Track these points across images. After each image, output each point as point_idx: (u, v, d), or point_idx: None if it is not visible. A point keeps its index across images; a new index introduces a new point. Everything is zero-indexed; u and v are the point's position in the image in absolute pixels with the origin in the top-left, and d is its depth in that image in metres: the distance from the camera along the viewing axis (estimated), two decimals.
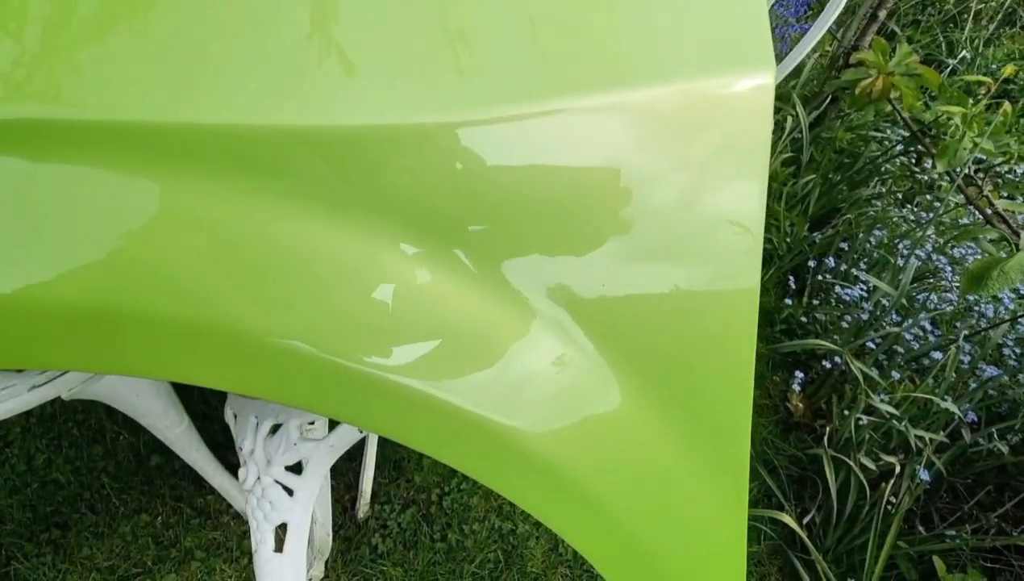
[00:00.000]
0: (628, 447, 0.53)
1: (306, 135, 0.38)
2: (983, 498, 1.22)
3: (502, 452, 0.47)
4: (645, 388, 0.51)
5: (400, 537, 1.22)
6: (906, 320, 1.47)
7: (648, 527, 0.53)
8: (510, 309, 0.44)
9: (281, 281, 0.39)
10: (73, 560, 1.10)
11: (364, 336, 0.39)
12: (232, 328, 0.38)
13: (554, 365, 0.47)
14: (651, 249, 0.44)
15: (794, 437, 1.53)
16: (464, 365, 0.43)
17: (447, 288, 0.42)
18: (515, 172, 0.38)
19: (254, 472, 0.61)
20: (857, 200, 1.92)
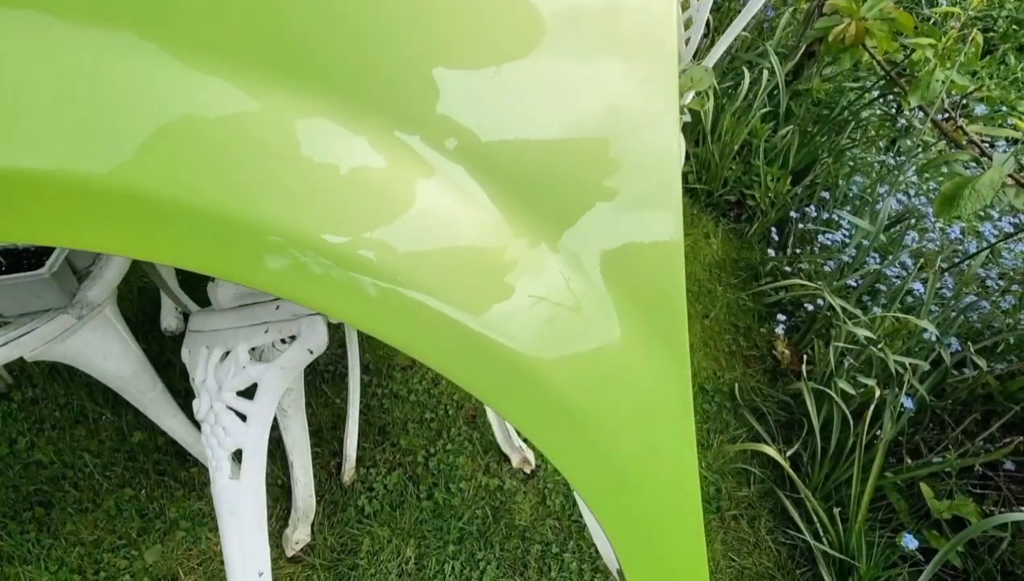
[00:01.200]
0: (595, 352, 0.52)
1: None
2: (969, 426, 1.21)
3: (468, 344, 0.46)
4: (615, 303, 0.50)
5: (387, 498, 1.21)
6: (887, 259, 1.46)
7: (602, 416, 0.52)
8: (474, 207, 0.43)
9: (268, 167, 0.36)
10: (57, 535, 1.10)
11: (352, 222, 0.38)
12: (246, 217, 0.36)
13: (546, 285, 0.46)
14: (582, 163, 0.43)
15: (781, 384, 1.52)
16: (422, 249, 0.41)
17: (464, 207, 0.41)
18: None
19: (206, 400, 0.60)
20: (836, 148, 1.91)
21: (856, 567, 1.05)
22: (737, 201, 2.14)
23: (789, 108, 2.07)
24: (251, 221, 0.36)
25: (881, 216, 1.36)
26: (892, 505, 1.18)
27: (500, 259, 0.45)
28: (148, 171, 0.34)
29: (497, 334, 0.45)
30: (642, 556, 0.54)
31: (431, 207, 0.40)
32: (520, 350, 0.46)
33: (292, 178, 0.37)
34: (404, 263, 0.39)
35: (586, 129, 0.45)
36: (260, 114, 0.36)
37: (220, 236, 0.36)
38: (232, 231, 0.36)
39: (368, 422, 1.36)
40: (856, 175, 1.79)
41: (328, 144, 0.38)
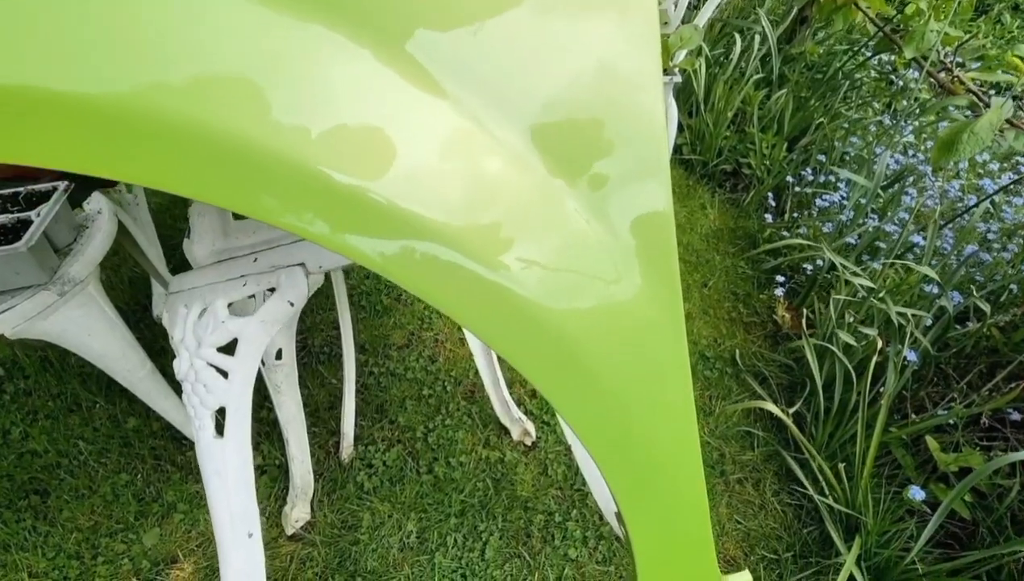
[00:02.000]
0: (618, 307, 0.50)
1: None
2: (974, 379, 1.19)
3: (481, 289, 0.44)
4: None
5: (386, 474, 1.20)
6: (885, 216, 1.43)
7: (600, 352, 0.50)
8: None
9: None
10: (54, 522, 1.08)
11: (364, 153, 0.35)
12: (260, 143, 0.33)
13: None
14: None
15: (783, 348, 1.50)
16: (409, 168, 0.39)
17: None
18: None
19: (186, 358, 0.58)
20: (831, 110, 1.88)
21: (863, 522, 1.04)
22: (733, 170, 2.11)
23: (782, 74, 2.04)
24: (256, 150, 0.34)
25: (879, 172, 1.34)
26: (898, 461, 1.16)
27: (517, 201, 0.43)
28: (152, 96, 0.32)
29: (505, 275, 0.43)
30: (640, 494, 0.52)
31: (448, 138, 0.38)
32: (532, 298, 0.44)
33: (299, 105, 0.34)
34: (415, 199, 0.37)
35: (576, 88, 0.43)
36: (265, 29, 0.34)
37: (229, 166, 0.33)
38: (239, 160, 0.34)
39: (365, 401, 1.34)
40: (852, 136, 1.76)
41: (338, 64, 0.36)
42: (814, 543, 1.13)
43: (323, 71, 0.36)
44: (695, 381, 1.45)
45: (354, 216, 0.37)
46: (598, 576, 1.08)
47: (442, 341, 1.51)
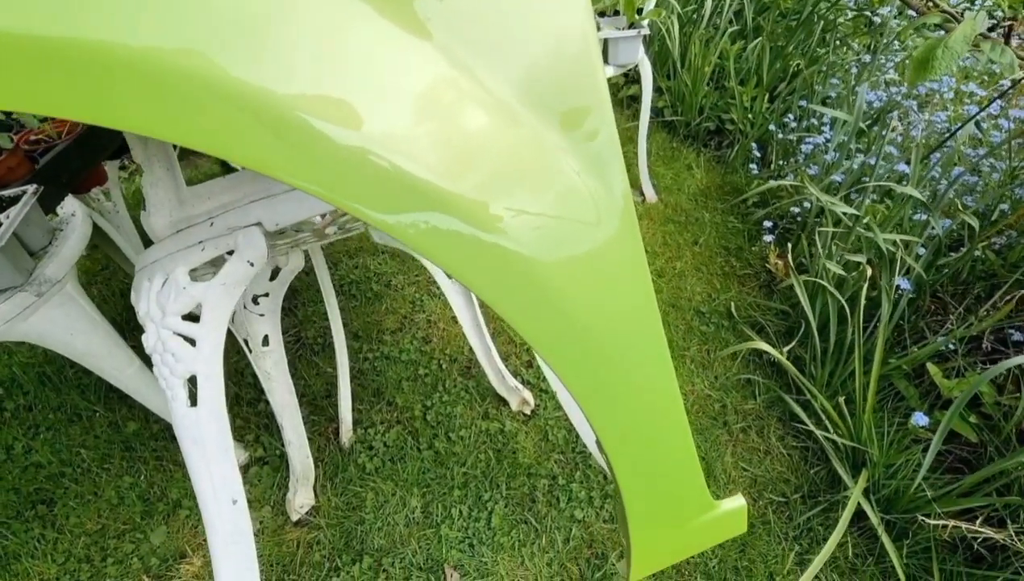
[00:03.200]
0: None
1: None
2: (972, 303, 1.17)
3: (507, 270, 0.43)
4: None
5: (387, 454, 1.19)
6: (870, 152, 1.41)
7: (570, 290, 0.49)
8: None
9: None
10: (62, 529, 1.09)
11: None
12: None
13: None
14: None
15: (778, 295, 1.48)
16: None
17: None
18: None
19: (152, 330, 0.58)
20: (809, 54, 1.85)
21: (869, 454, 1.02)
22: (716, 129, 2.08)
23: (757, 24, 2.01)
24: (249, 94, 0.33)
25: (859, 105, 1.31)
26: (901, 393, 1.14)
27: (508, 153, 0.42)
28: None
29: (496, 232, 0.42)
30: (620, 421, 0.51)
31: (439, 83, 0.37)
32: (517, 248, 0.43)
33: (284, 44, 0.34)
34: (408, 153, 0.37)
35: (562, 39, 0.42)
36: None
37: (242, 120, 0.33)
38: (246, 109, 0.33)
39: (362, 386, 1.34)
40: (832, 78, 1.73)
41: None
42: (821, 482, 1.11)
43: (317, 19, 0.35)
44: (692, 337, 1.43)
45: (344, 168, 0.36)
46: (606, 533, 1.07)
47: (435, 321, 1.50)
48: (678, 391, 0.55)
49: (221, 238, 0.58)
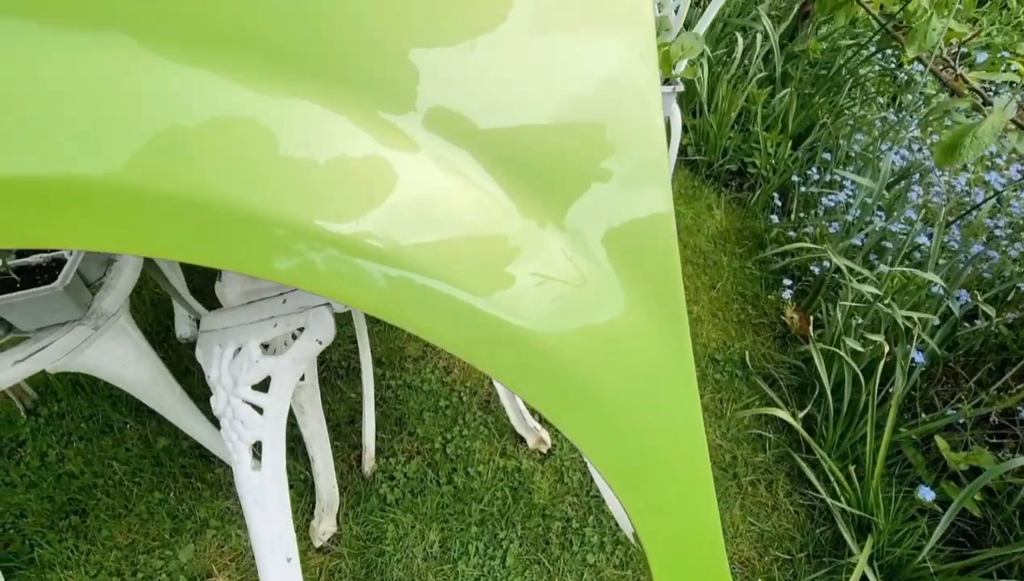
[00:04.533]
0: (596, 317, 0.53)
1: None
2: (983, 377, 1.21)
3: (477, 325, 0.47)
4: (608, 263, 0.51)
5: (407, 486, 1.24)
6: (892, 215, 1.44)
7: (606, 381, 0.53)
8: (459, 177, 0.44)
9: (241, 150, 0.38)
10: (94, 541, 1.13)
11: (369, 215, 0.39)
12: (238, 208, 0.37)
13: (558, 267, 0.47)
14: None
15: (792, 350, 1.52)
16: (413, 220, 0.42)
17: (459, 189, 0.42)
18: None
19: (223, 396, 0.62)
20: (836, 108, 1.88)
21: (875, 522, 1.06)
22: (738, 170, 2.12)
23: (785, 72, 2.04)
24: (251, 214, 0.37)
25: (884, 172, 1.35)
26: (908, 460, 1.18)
27: (505, 240, 0.46)
28: (144, 171, 0.36)
29: (505, 313, 0.46)
30: (654, 516, 0.55)
31: (432, 190, 0.40)
32: (529, 327, 0.47)
33: (288, 168, 0.38)
34: (409, 248, 0.40)
35: (572, 107, 0.45)
36: (245, 104, 0.37)
37: (226, 231, 0.37)
38: (235, 225, 0.37)
39: (384, 413, 1.38)
40: (857, 133, 1.76)
41: (318, 131, 0.39)
42: (827, 543, 1.15)
43: (300, 138, 0.39)
44: (705, 385, 1.47)
45: (346, 266, 0.40)
46: (616, 580, 1.11)
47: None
48: (712, 483, 0.59)
49: (293, 316, 0.62)
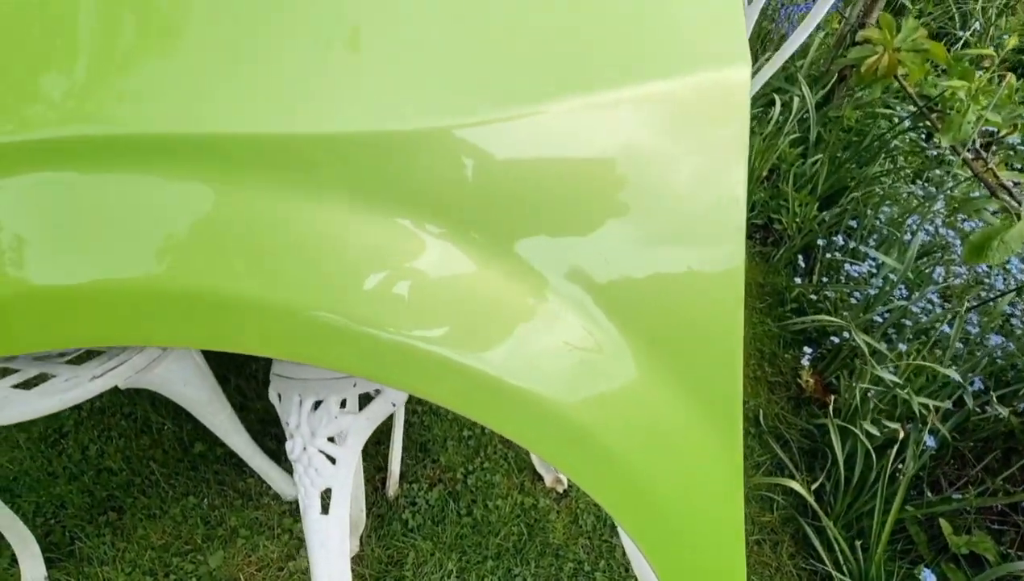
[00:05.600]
0: (642, 409, 0.59)
1: (331, 140, 0.44)
2: (990, 463, 1.25)
3: (527, 413, 0.53)
4: (653, 358, 0.57)
5: (429, 513, 1.29)
6: (914, 294, 1.49)
7: (656, 476, 0.59)
8: (528, 287, 0.50)
9: (321, 264, 0.45)
10: (130, 539, 1.19)
11: (394, 309, 0.46)
12: (284, 305, 0.44)
13: (573, 338, 0.53)
14: (649, 231, 0.49)
15: (805, 412, 1.57)
16: (488, 336, 0.49)
17: (469, 267, 0.48)
18: (521, 164, 0.44)
19: (300, 444, 0.68)
20: (866, 178, 1.94)
21: None
22: (764, 225, 2.17)
23: (819, 135, 2.10)
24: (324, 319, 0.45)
25: (910, 254, 1.40)
26: (912, 537, 1.23)
27: (531, 315, 0.52)
28: (205, 270, 0.43)
29: (529, 383, 0.51)
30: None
31: (446, 273, 0.47)
32: (555, 397, 0.53)
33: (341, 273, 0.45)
34: (434, 329, 0.47)
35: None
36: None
37: (289, 329, 0.44)
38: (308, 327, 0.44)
39: (410, 438, 1.44)
40: (885, 205, 1.82)
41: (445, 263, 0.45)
42: None
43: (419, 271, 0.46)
44: None
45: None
46: None
47: None
48: (744, 555, 0.64)
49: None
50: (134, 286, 0.41)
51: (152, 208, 0.43)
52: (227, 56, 0.44)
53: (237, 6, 0.44)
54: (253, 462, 1.25)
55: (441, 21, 0.46)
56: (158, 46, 0.44)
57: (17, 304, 0.42)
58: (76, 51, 0.44)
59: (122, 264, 0.43)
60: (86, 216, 0.43)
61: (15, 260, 0.42)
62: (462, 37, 0.45)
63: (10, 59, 0.42)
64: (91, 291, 0.43)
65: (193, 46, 0.44)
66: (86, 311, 0.44)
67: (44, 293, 0.43)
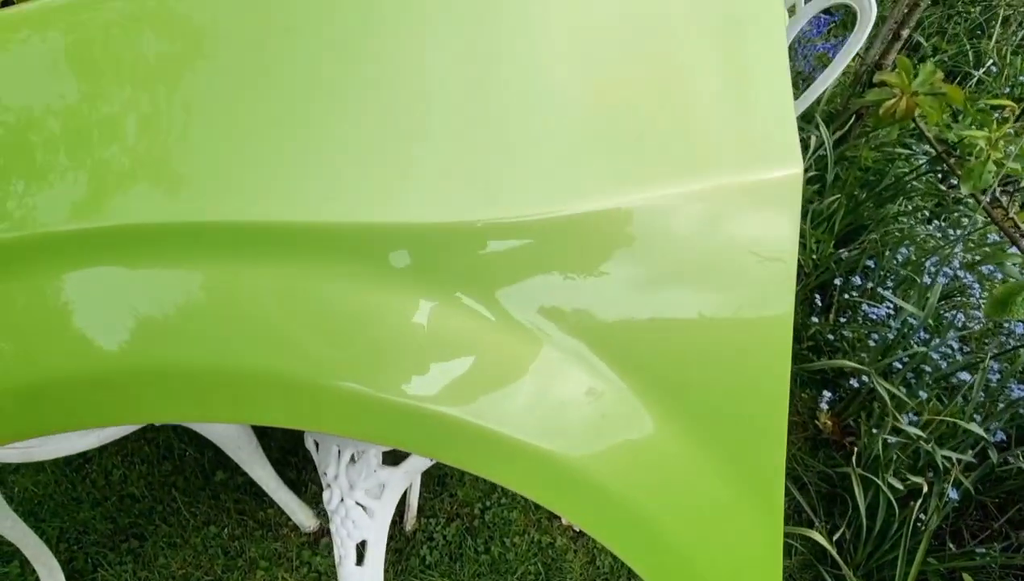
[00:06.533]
0: (665, 466, 0.60)
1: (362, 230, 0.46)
2: (1013, 516, 1.24)
3: (544, 472, 0.54)
4: (675, 413, 0.58)
5: (446, 549, 1.29)
6: (934, 338, 1.50)
7: (688, 539, 0.59)
8: (529, 345, 0.52)
9: (343, 340, 0.46)
10: (151, 568, 1.20)
11: (409, 375, 0.47)
12: (311, 379, 0.46)
13: (584, 394, 0.54)
14: (703, 299, 0.51)
15: (823, 454, 1.57)
16: (500, 397, 0.50)
17: (473, 331, 0.50)
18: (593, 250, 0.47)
19: (338, 495, 0.69)
20: (883, 218, 1.95)
21: None
22: None
23: (837, 175, 2.11)
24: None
25: (931, 302, 1.40)
26: None
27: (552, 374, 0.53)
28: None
29: (547, 443, 0.53)
30: None
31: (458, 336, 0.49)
32: (571, 454, 0.54)
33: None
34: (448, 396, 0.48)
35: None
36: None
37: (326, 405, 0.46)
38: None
39: (428, 472, 1.44)
40: (903, 246, 1.83)
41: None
42: None
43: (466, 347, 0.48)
44: None
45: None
46: None
47: None
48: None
49: None
50: (219, 367, 0.43)
51: (206, 295, 0.45)
52: (304, 146, 0.46)
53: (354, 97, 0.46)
54: (276, 495, 1.26)
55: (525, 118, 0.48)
56: (263, 141, 0.45)
57: (80, 386, 0.44)
58: (160, 147, 0.45)
59: (196, 349, 0.45)
60: (147, 304, 0.45)
61: (83, 342, 0.44)
62: (560, 131, 0.47)
63: (72, 156, 0.44)
64: (141, 372, 0.45)
65: (253, 135, 0.46)
66: (144, 389, 0.45)
67: (92, 377, 0.44)
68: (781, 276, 0.49)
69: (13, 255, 0.41)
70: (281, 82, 0.45)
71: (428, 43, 0.48)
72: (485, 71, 0.48)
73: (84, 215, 0.41)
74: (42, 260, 0.40)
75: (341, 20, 0.47)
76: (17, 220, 0.41)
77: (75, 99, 0.43)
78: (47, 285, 0.40)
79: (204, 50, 0.46)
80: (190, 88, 0.45)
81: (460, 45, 0.48)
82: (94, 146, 0.43)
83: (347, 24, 0.47)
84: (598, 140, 0.46)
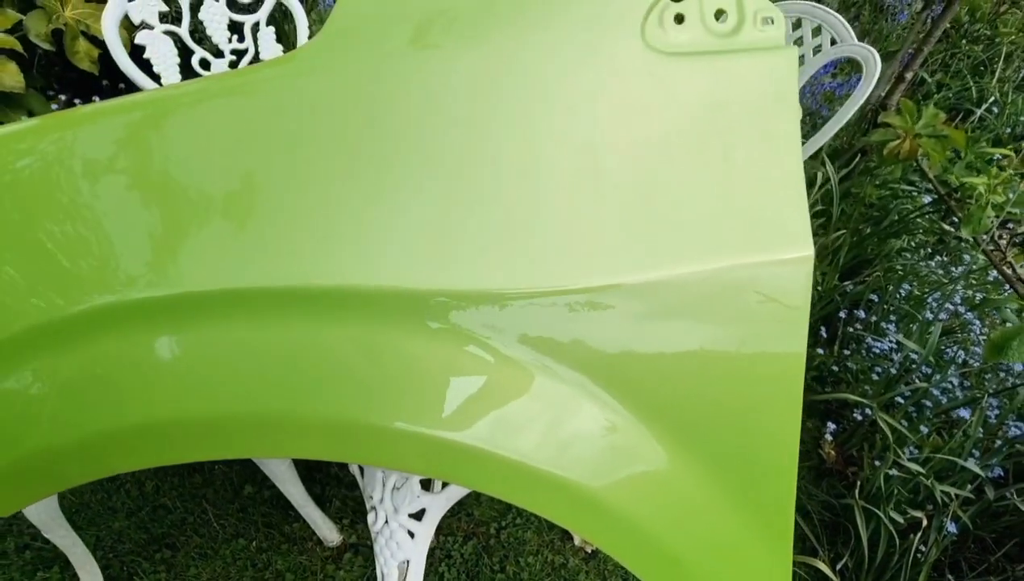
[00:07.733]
0: (678, 496, 0.66)
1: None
2: (1010, 550, 1.29)
3: (564, 498, 0.61)
4: (686, 443, 0.65)
5: (463, 567, 1.35)
6: (935, 373, 1.55)
7: (699, 563, 0.66)
8: (571, 401, 0.58)
9: (387, 387, 0.54)
10: (183, 578, 1.26)
11: (455, 419, 0.54)
12: (378, 422, 0.53)
13: (595, 427, 0.61)
14: (715, 350, 0.58)
15: (826, 483, 1.62)
16: (516, 430, 0.57)
17: (511, 380, 0.57)
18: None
19: (383, 517, 0.75)
20: (887, 253, 2.01)
21: None
22: None
23: (842, 211, 2.19)
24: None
25: (931, 341, 1.47)
26: None
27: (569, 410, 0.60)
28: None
29: (564, 470, 0.60)
30: None
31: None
32: (591, 484, 0.61)
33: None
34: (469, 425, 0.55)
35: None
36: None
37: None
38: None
39: None
40: (905, 282, 1.89)
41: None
42: None
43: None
44: None
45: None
46: None
47: None
48: None
49: None
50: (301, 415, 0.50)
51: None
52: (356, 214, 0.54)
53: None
54: (304, 510, 1.32)
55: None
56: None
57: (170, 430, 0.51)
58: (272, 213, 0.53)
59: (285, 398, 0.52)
60: (251, 361, 0.52)
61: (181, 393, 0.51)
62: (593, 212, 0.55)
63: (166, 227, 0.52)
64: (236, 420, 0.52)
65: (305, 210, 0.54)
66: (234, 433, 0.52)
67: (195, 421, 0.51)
68: (794, 322, 0.56)
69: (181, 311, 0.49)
70: (368, 176, 0.53)
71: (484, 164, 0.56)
72: (525, 168, 0.55)
73: (226, 278, 0.49)
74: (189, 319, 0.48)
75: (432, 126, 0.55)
76: (173, 278, 0.49)
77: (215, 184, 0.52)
78: (191, 338, 0.48)
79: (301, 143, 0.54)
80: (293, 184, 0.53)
81: (507, 147, 0.56)
82: (239, 222, 0.51)
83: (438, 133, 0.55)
84: (630, 221, 0.53)
